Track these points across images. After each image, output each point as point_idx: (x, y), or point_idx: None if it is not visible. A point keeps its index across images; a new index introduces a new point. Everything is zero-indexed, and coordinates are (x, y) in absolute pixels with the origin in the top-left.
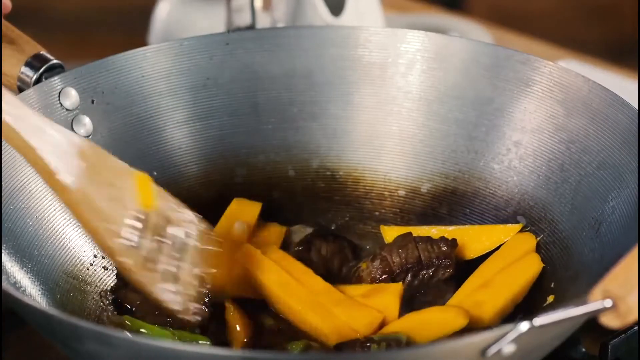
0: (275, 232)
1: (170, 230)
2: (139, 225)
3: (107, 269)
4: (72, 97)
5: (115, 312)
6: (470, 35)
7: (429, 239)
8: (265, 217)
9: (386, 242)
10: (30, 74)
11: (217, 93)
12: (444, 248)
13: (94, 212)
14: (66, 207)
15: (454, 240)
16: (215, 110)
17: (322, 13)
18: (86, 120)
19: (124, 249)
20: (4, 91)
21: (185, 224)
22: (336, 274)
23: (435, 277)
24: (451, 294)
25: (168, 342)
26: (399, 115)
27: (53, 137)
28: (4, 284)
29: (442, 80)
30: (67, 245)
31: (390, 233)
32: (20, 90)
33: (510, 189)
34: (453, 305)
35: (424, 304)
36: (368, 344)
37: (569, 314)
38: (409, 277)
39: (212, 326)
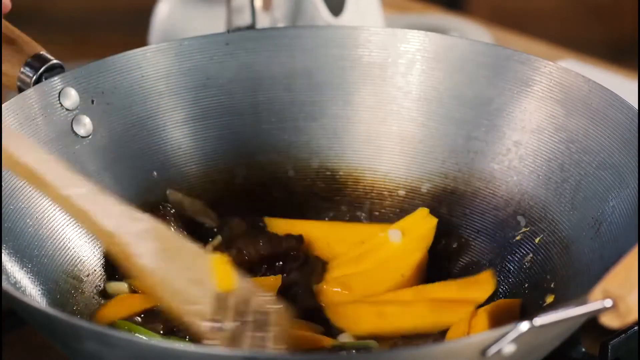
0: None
1: (251, 309)
2: (221, 306)
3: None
4: (72, 97)
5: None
6: (470, 35)
7: (275, 235)
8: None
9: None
10: (30, 74)
11: (217, 93)
12: (292, 243)
13: (175, 294)
14: (147, 289)
15: (300, 236)
16: (215, 110)
17: (322, 13)
18: (86, 120)
19: (210, 330)
20: (76, 175)
21: (263, 302)
22: None
23: (287, 266)
24: (318, 275)
25: (168, 342)
26: (398, 115)
27: (126, 219)
28: (4, 284)
29: (442, 80)
30: (67, 245)
31: (275, 224)
32: (20, 90)
33: (510, 189)
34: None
35: (297, 285)
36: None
37: (569, 314)
38: (263, 268)
39: None
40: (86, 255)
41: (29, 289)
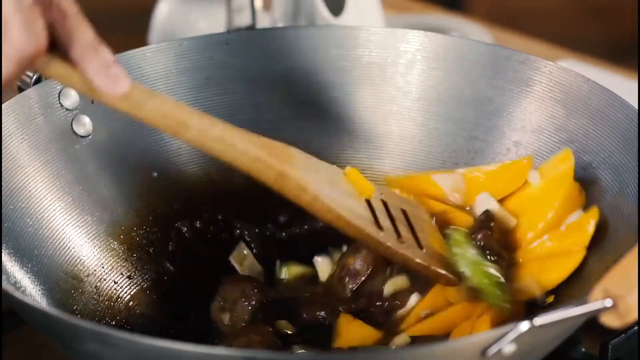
0: None
1: (392, 208)
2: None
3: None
4: (72, 97)
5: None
6: (470, 35)
7: None
8: (264, 218)
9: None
10: (30, 74)
11: (217, 93)
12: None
13: (346, 210)
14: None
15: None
16: (215, 110)
17: (322, 13)
18: (86, 120)
19: (383, 233)
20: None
21: (400, 201)
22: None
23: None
24: None
25: (168, 342)
26: (398, 115)
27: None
28: (4, 284)
29: (442, 80)
30: (67, 245)
31: (395, 181)
32: (21, 90)
33: None
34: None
35: None
36: None
37: (569, 314)
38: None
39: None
40: (86, 255)
41: (29, 289)
